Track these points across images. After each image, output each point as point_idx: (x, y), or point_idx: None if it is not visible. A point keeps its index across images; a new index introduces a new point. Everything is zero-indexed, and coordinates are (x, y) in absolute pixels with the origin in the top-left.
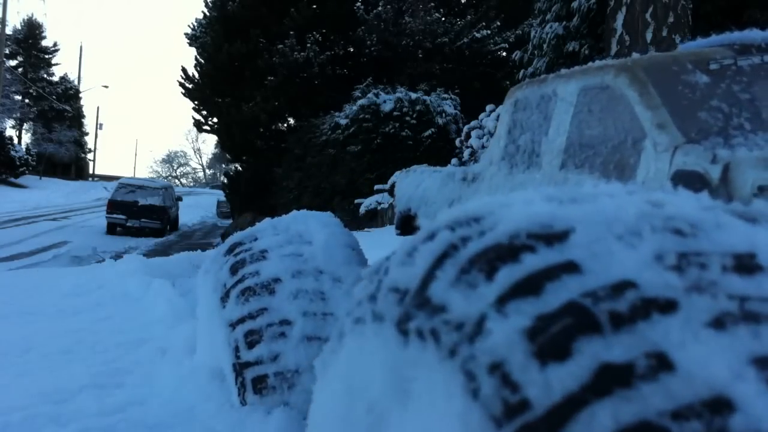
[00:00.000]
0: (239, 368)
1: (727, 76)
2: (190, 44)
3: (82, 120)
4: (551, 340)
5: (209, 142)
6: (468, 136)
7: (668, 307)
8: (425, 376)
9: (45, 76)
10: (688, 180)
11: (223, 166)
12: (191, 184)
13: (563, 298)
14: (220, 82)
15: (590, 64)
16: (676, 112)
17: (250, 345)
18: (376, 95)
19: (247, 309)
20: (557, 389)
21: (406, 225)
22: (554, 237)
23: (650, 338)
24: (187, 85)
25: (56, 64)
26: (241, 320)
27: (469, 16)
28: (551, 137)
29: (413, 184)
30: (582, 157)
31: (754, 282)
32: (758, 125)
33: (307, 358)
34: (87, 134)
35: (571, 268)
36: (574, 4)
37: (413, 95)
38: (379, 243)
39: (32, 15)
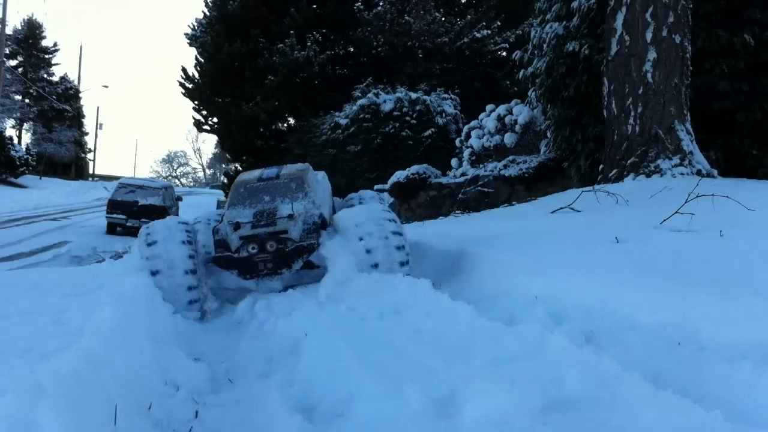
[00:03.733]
0: None
1: (249, 188)
2: (190, 44)
3: (82, 120)
4: None
5: (209, 142)
6: (468, 136)
7: None
8: None
9: (45, 76)
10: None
11: (223, 166)
12: (191, 184)
13: None
14: (220, 81)
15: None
16: (231, 199)
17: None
18: (376, 95)
19: None
20: None
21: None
22: None
23: None
24: (187, 85)
25: (56, 64)
26: None
27: (469, 16)
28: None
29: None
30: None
31: None
32: (246, 205)
33: None
34: (87, 134)
35: None
36: (574, 4)
37: (413, 95)
38: None
39: (32, 15)
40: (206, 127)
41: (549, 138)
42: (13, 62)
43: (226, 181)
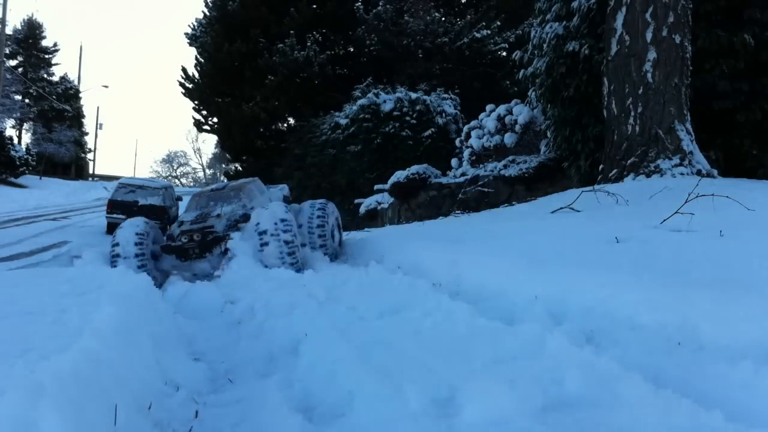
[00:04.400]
0: None
1: (202, 196)
2: (190, 44)
3: (82, 120)
4: None
5: (209, 142)
6: (468, 135)
7: None
8: None
9: (45, 76)
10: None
11: (223, 166)
12: (191, 184)
13: None
14: (220, 81)
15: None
16: (187, 206)
17: None
18: (376, 95)
19: None
20: None
21: None
22: None
23: None
24: (187, 84)
25: (56, 64)
26: None
27: (469, 16)
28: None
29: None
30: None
31: None
32: (196, 209)
33: None
34: (87, 134)
35: None
36: (574, 4)
37: (413, 95)
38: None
39: (32, 15)
40: (206, 127)
41: (549, 138)
42: (13, 62)
43: (226, 180)
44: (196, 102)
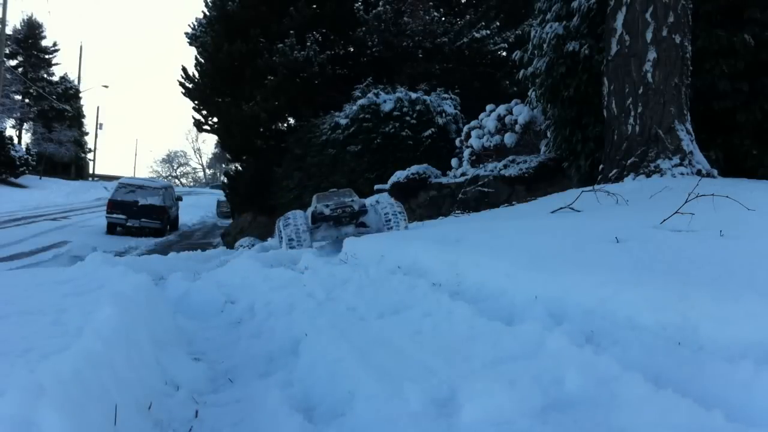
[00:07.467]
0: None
1: (325, 195)
2: (190, 44)
3: (82, 120)
4: None
5: (209, 142)
6: (468, 135)
7: None
8: None
9: (45, 76)
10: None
11: (223, 166)
12: (191, 184)
13: None
14: (220, 81)
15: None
16: (317, 200)
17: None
18: (376, 95)
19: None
20: None
21: None
22: None
23: None
24: (187, 84)
25: (56, 64)
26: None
27: (468, 16)
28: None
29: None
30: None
31: None
32: (326, 200)
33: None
34: (87, 134)
35: None
36: (574, 4)
37: (413, 95)
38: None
39: (32, 15)
40: (206, 127)
41: (549, 138)
42: (13, 62)
43: (226, 180)
44: (196, 102)
